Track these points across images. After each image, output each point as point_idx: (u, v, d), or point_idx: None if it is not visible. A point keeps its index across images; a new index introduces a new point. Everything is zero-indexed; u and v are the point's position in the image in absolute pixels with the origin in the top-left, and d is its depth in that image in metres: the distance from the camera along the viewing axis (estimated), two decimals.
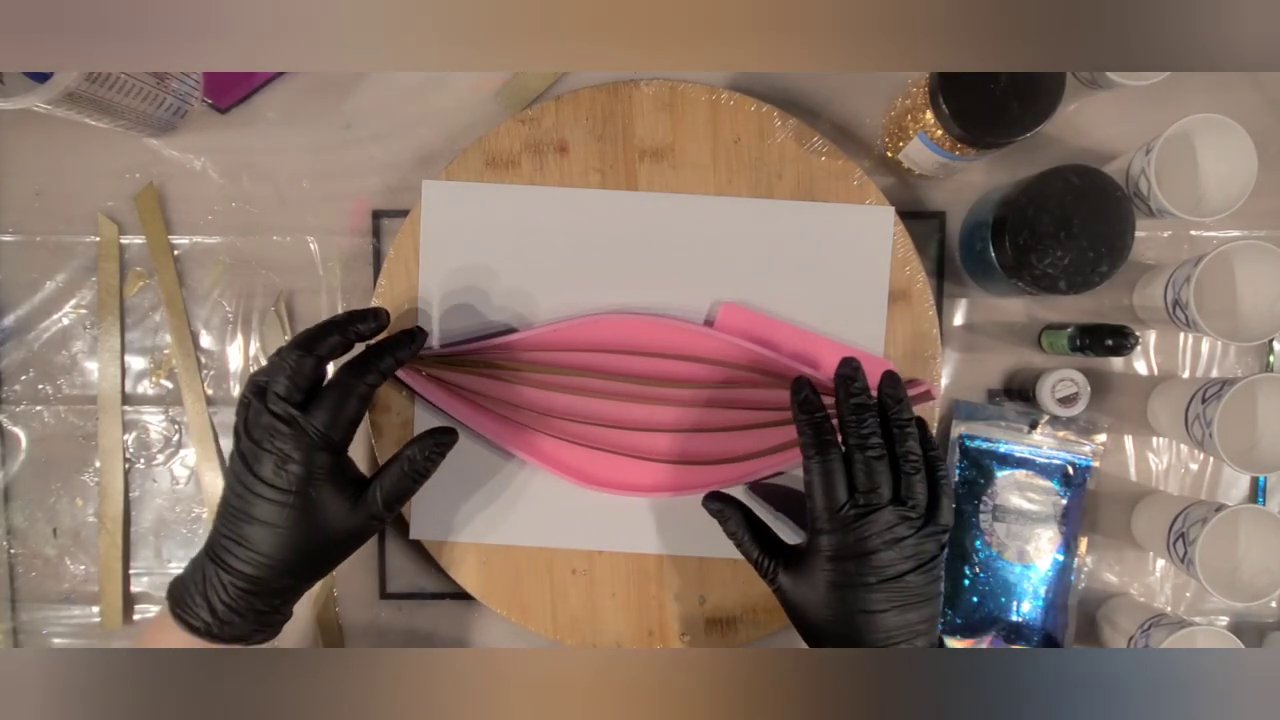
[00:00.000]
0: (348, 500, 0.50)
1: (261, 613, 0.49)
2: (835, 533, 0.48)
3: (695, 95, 0.62)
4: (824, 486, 0.49)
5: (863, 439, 0.49)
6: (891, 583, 0.47)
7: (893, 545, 0.47)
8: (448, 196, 0.62)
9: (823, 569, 0.49)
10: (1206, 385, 0.58)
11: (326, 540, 0.50)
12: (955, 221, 0.65)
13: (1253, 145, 0.56)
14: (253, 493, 0.48)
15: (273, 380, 0.49)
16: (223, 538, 0.48)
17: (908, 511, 0.48)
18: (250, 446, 0.48)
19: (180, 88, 0.62)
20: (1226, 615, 0.66)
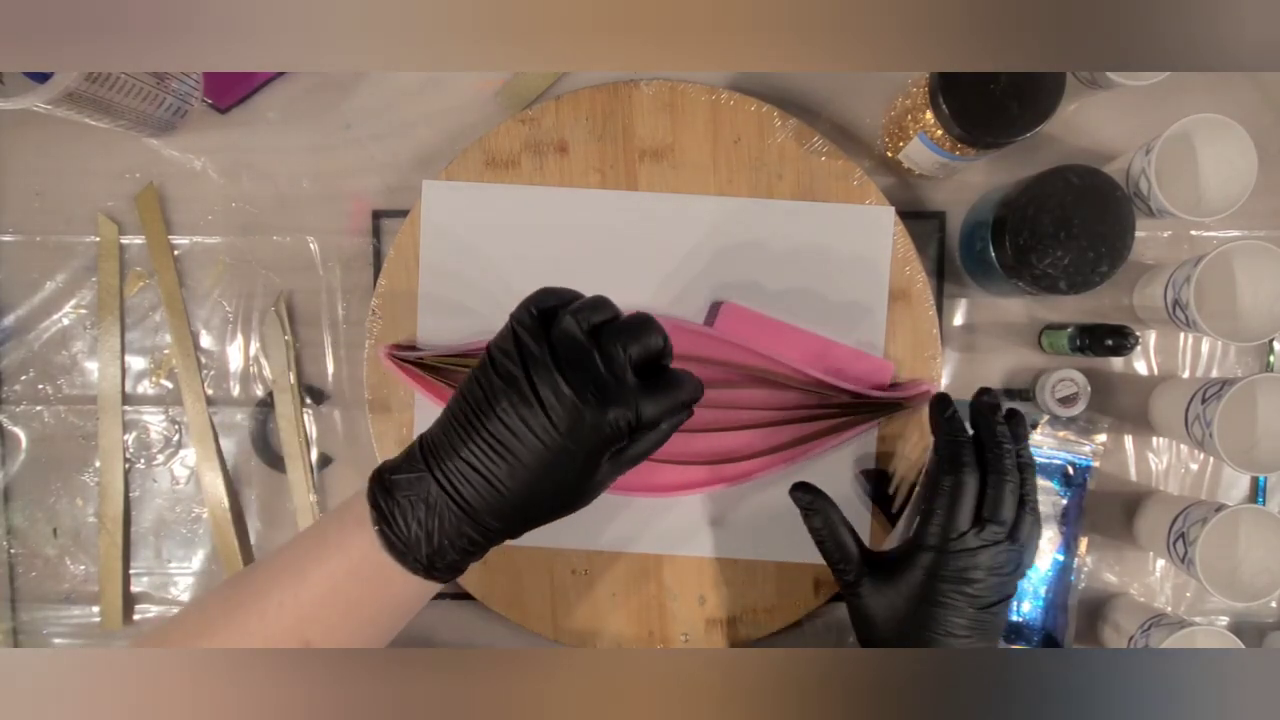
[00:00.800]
0: (605, 465, 0.44)
1: (473, 553, 0.44)
2: (946, 554, 0.48)
3: (695, 95, 0.62)
4: (950, 506, 0.49)
5: (1003, 469, 0.49)
6: (983, 612, 0.48)
7: (994, 576, 0.48)
8: (448, 196, 0.62)
9: (915, 585, 0.49)
10: (1206, 385, 0.58)
11: (574, 500, 0.45)
12: (955, 221, 0.65)
13: (1253, 145, 0.55)
14: (536, 437, 0.41)
15: (627, 337, 0.43)
16: (464, 462, 0.42)
17: (1016, 548, 0.49)
18: (553, 385, 0.41)
19: (180, 88, 0.62)
20: (1226, 615, 0.66)
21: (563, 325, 0.43)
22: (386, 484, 0.43)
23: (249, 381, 0.66)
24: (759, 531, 0.62)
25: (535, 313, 0.43)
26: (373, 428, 0.63)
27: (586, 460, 0.43)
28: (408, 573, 0.43)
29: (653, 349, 0.44)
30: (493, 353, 0.43)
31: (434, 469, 0.43)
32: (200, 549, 0.66)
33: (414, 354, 0.61)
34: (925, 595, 0.48)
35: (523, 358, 0.42)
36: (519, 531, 0.45)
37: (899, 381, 0.62)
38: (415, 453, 0.44)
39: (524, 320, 0.43)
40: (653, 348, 0.44)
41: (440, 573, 0.44)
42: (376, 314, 0.62)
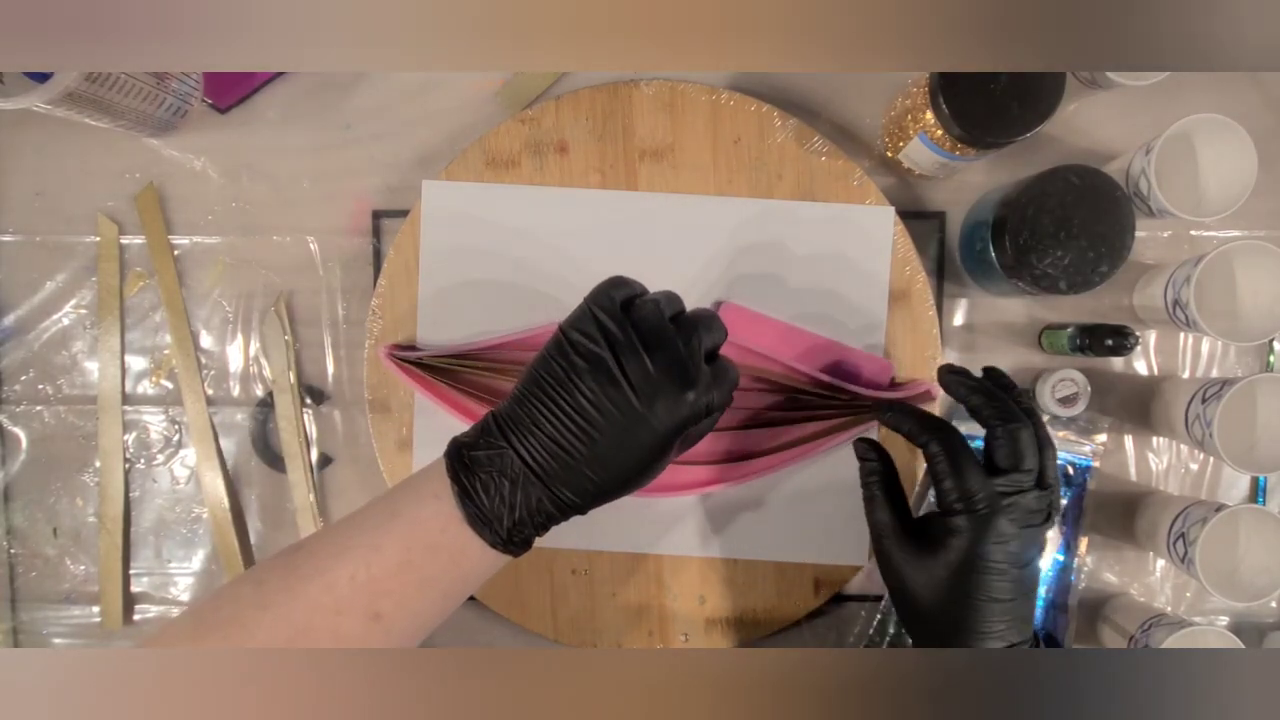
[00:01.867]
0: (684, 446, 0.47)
1: (547, 526, 0.45)
2: (975, 514, 0.47)
3: (695, 95, 0.62)
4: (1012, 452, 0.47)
5: (1010, 414, 0.48)
6: (1022, 570, 0.47)
7: (1029, 530, 0.47)
8: (448, 196, 0.62)
9: (954, 549, 0.47)
10: (1206, 385, 0.58)
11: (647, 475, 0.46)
12: (955, 221, 0.65)
13: (1253, 145, 0.55)
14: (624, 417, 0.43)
15: (702, 328, 0.46)
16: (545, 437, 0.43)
17: (1043, 496, 0.48)
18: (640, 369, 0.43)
19: (180, 88, 0.62)
20: (1226, 615, 0.66)
21: (645, 310, 0.45)
22: (466, 460, 0.44)
23: (249, 381, 0.66)
24: (759, 531, 0.62)
25: (614, 297, 0.45)
26: (373, 428, 0.63)
27: (665, 438, 0.44)
28: (485, 546, 0.44)
29: (719, 342, 0.48)
30: (570, 335, 0.44)
31: (515, 444, 0.44)
32: (200, 549, 0.66)
33: (414, 354, 0.61)
34: (963, 561, 0.47)
35: (608, 339, 0.43)
36: (591, 505, 0.46)
37: (899, 381, 0.62)
38: (491, 429, 0.45)
39: (604, 303, 0.45)
40: (719, 340, 0.47)
41: (516, 546, 0.45)
42: (376, 314, 0.62)
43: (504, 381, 0.61)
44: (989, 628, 0.47)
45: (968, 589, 0.47)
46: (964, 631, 0.47)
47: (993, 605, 0.46)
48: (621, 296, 0.45)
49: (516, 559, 0.46)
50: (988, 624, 0.46)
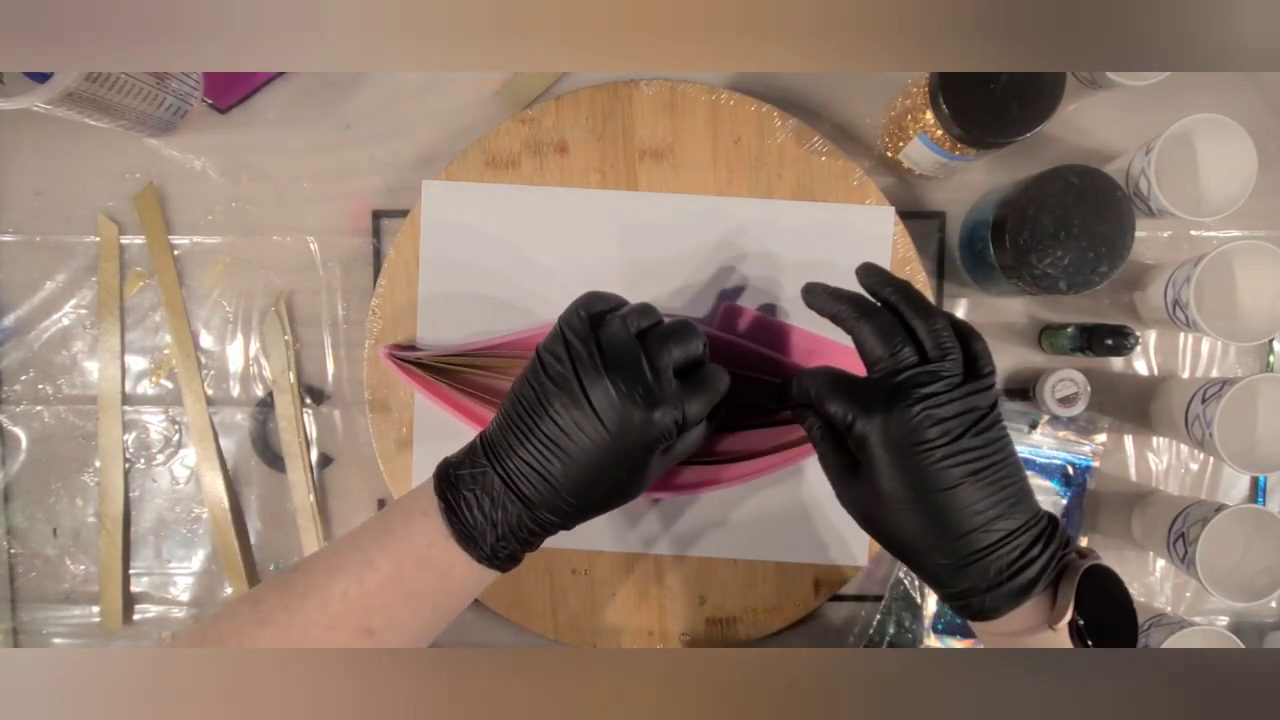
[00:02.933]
0: (655, 460, 0.46)
1: (531, 543, 0.46)
2: (871, 411, 0.43)
3: (695, 95, 0.62)
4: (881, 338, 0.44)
5: (862, 307, 0.45)
6: (952, 445, 0.42)
7: (934, 403, 0.42)
8: (448, 196, 0.62)
9: (877, 457, 0.43)
10: (1206, 385, 0.58)
11: (626, 494, 0.46)
12: (955, 221, 0.65)
13: (1253, 145, 0.55)
14: (588, 436, 0.43)
15: (672, 341, 0.45)
16: (523, 460, 0.44)
17: (940, 366, 0.43)
18: (603, 387, 0.43)
19: (180, 88, 0.62)
20: (1226, 615, 0.66)
21: (612, 329, 0.45)
22: (452, 478, 0.45)
23: (249, 381, 0.66)
24: (759, 531, 0.62)
25: (584, 316, 0.45)
26: (373, 428, 0.63)
27: (638, 458, 0.45)
28: (471, 561, 0.45)
29: (694, 353, 0.47)
30: (542, 355, 0.45)
31: (495, 465, 0.45)
32: (200, 549, 0.66)
33: (414, 354, 0.61)
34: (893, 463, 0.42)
35: (573, 361, 0.44)
36: (574, 523, 0.47)
37: None
38: (476, 450, 0.46)
39: (573, 324, 0.45)
40: (694, 351, 0.47)
41: (501, 562, 0.46)
42: (376, 314, 0.62)
43: (504, 381, 0.61)
44: (963, 523, 0.42)
45: (912, 494, 0.42)
46: (946, 538, 0.42)
47: (951, 495, 0.42)
48: (593, 313, 0.46)
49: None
50: (957, 519, 0.42)
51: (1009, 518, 0.42)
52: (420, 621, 0.46)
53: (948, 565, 0.43)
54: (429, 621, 0.46)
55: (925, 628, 0.64)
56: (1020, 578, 0.42)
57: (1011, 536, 0.42)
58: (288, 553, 0.66)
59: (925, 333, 0.44)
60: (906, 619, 0.65)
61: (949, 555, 0.43)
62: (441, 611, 0.47)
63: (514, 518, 0.45)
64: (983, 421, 0.43)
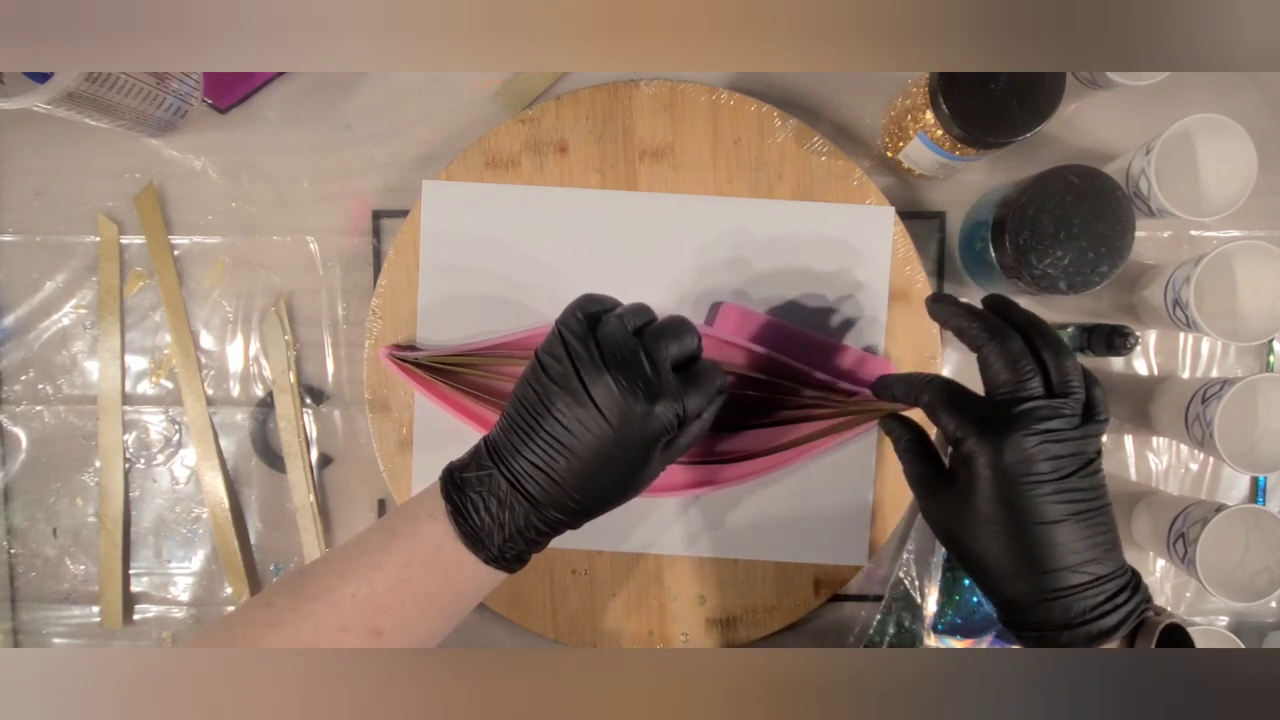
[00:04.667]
0: (658, 455, 0.47)
1: (539, 542, 0.47)
2: (988, 434, 0.42)
3: (695, 95, 0.62)
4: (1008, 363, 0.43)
5: (991, 330, 0.44)
6: (1062, 483, 0.41)
7: (1054, 438, 0.42)
8: (448, 196, 0.62)
9: (982, 479, 0.42)
10: (1206, 385, 0.58)
11: (632, 490, 0.47)
12: (955, 221, 0.65)
13: (1253, 145, 0.55)
14: (591, 432, 0.44)
15: (668, 337, 0.46)
16: (528, 461, 0.45)
17: (1065, 403, 0.42)
18: (603, 383, 0.43)
19: (180, 88, 0.62)
20: (1226, 615, 0.66)
21: (609, 328, 0.46)
22: (458, 481, 0.46)
23: (249, 381, 0.66)
24: (759, 532, 0.62)
25: (581, 317, 0.46)
26: (373, 428, 0.63)
27: (640, 454, 0.45)
28: (478, 562, 0.45)
29: (690, 348, 0.47)
30: (542, 358, 0.46)
31: (500, 467, 0.45)
32: (200, 549, 0.66)
33: (414, 354, 0.61)
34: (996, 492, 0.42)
35: (573, 360, 0.44)
36: (581, 521, 0.47)
37: None
38: (482, 453, 0.46)
39: (571, 325, 0.46)
40: (690, 347, 0.47)
41: (508, 563, 0.46)
42: (376, 314, 0.62)
43: (504, 382, 0.61)
44: (1056, 559, 0.41)
45: (1011, 521, 0.42)
46: (1034, 570, 0.42)
47: (1049, 530, 0.41)
48: (589, 314, 0.46)
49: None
50: (1051, 554, 0.41)
51: (1100, 563, 0.42)
52: (429, 622, 0.46)
53: (1028, 596, 0.43)
54: (437, 622, 0.47)
55: (925, 628, 0.64)
56: (1101, 623, 0.42)
57: (1100, 581, 0.42)
58: (288, 553, 0.66)
59: (1055, 367, 0.43)
60: (906, 619, 0.65)
61: (1033, 587, 0.42)
62: (450, 612, 0.47)
63: (521, 518, 0.45)
64: (1090, 465, 0.43)
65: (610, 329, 0.45)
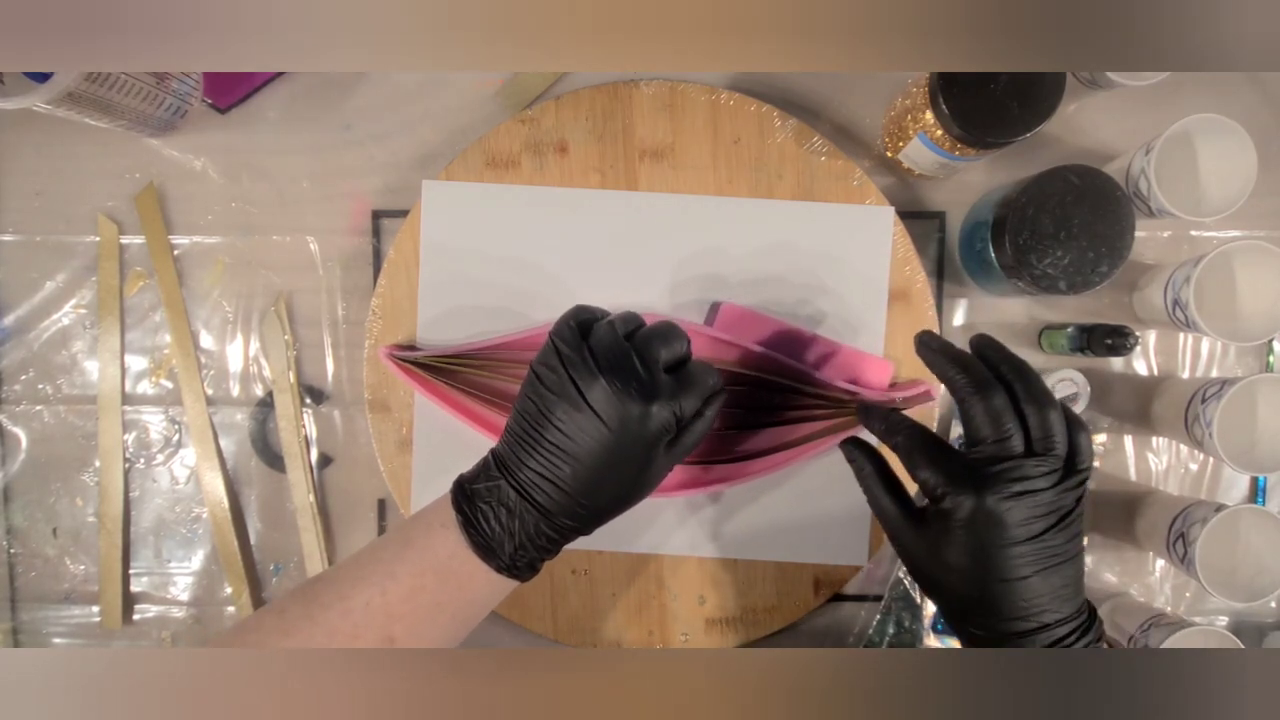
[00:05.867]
0: (662, 456, 0.47)
1: (550, 550, 0.47)
2: (963, 492, 0.43)
3: (695, 95, 0.62)
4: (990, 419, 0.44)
5: (977, 383, 0.44)
6: (1032, 542, 0.42)
7: (1029, 500, 0.42)
8: (448, 196, 0.62)
9: (955, 533, 0.43)
10: (1206, 385, 0.58)
11: (638, 492, 0.48)
12: (955, 221, 0.65)
13: (1253, 145, 0.55)
14: (590, 436, 0.44)
15: (658, 341, 0.47)
16: (533, 470, 0.45)
17: (1044, 461, 0.43)
18: (599, 387, 0.44)
19: (180, 88, 0.62)
20: (1226, 615, 0.66)
21: (600, 334, 0.46)
22: (468, 492, 0.47)
23: (249, 381, 0.66)
24: (759, 531, 0.62)
25: (573, 326, 0.47)
26: (372, 428, 0.63)
27: (642, 455, 0.46)
28: (490, 571, 0.46)
29: (680, 352, 0.48)
30: (537, 369, 0.47)
31: (508, 477, 0.46)
32: (200, 549, 0.66)
33: (414, 354, 0.61)
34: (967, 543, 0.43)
35: (567, 368, 0.45)
36: (591, 528, 0.48)
37: (899, 381, 0.62)
38: (490, 464, 0.47)
39: (564, 334, 0.47)
40: (680, 350, 0.48)
41: (520, 571, 0.47)
42: (376, 314, 0.62)
43: (503, 382, 0.61)
44: (1015, 609, 0.43)
45: (979, 574, 0.43)
46: (993, 616, 0.43)
47: (1011, 586, 0.42)
48: (581, 322, 0.47)
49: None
50: (1013, 605, 0.43)
51: (1059, 610, 0.43)
52: (440, 630, 0.47)
53: (983, 634, 0.45)
54: (448, 629, 0.47)
55: (925, 628, 0.64)
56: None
57: (1054, 626, 0.43)
58: (287, 553, 0.66)
59: (1037, 423, 0.43)
60: (906, 619, 0.65)
61: (989, 629, 0.44)
62: (461, 620, 0.48)
63: (531, 527, 0.46)
64: (1067, 518, 0.43)
65: (601, 335, 0.46)
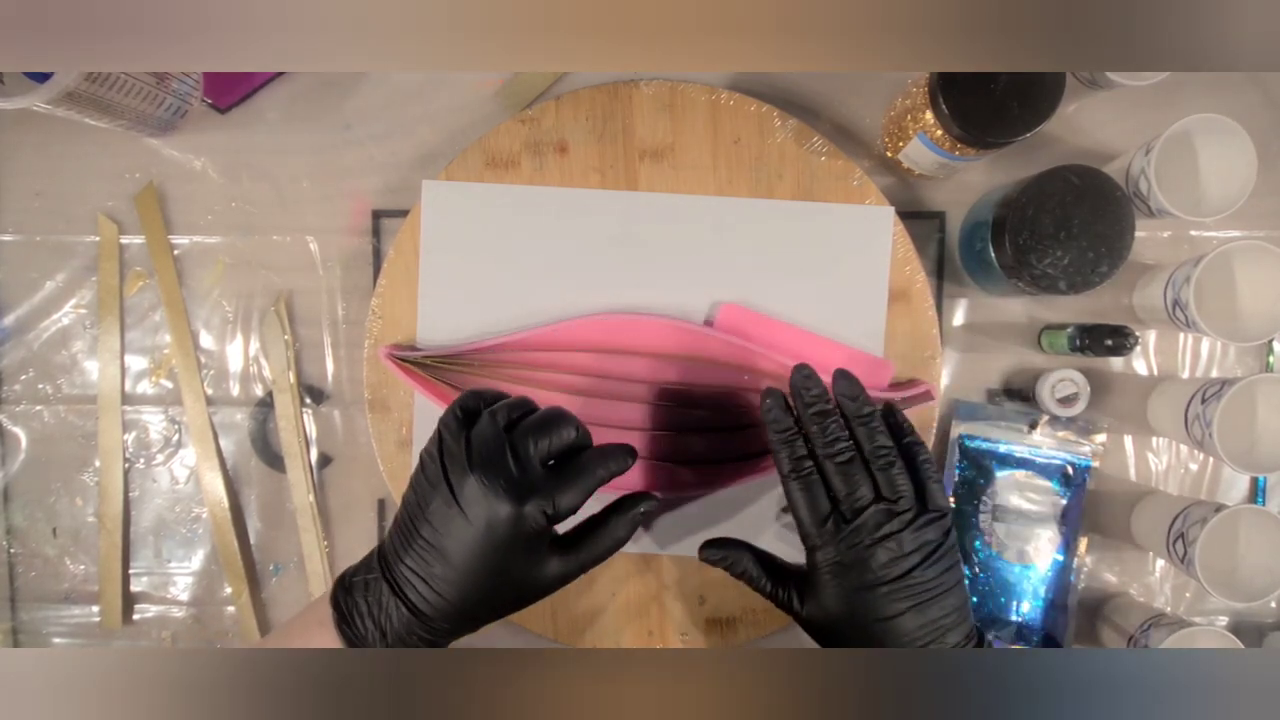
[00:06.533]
0: (544, 562, 0.46)
1: (427, 644, 0.46)
2: (827, 546, 0.46)
3: (695, 95, 0.62)
4: (806, 504, 0.47)
5: (829, 446, 0.47)
6: (897, 583, 0.45)
7: (885, 545, 0.45)
8: (448, 196, 0.62)
9: (828, 586, 0.46)
10: (1206, 385, 0.58)
11: (513, 597, 0.47)
12: (955, 221, 0.65)
13: (1253, 145, 0.55)
14: (457, 537, 0.44)
15: (538, 432, 0.45)
16: (407, 567, 0.45)
17: (894, 506, 0.46)
18: (471, 485, 0.44)
19: (180, 88, 0.62)
20: (1226, 615, 0.66)
21: (480, 425, 0.45)
22: (347, 585, 0.46)
23: (249, 381, 0.66)
24: (759, 532, 0.62)
25: (460, 414, 0.46)
26: (372, 428, 0.63)
27: (517, 555, 0.45)
28: None
29: (565, 441, 0.46)
30: (423, 456, 0.46)
31: (385, 572, 0.45)
32: (200, 549, 0.66)
33: (414, 354, 0.61)
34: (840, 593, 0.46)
35: (443, 459, 0.45)
36: (467, 630, 0.47)
37: (899, 381, 0.62)
38: (373, 557, 0.46)
39: (449, 422, 0.46)
40: (565, 440, 0.46)
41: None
42: (376, 314, 0.62)
43: (503, 383, 0.61)
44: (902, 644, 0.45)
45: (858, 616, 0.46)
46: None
47: (888, 625, 0.45)
48: (467, 410, 0.46)
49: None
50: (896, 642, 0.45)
51: (941, 642, 0.45)
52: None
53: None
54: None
55: None
56: None
57: None
58: (287, 553, 0.66)
59: (883, 478, 0.46)
60: None
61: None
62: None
63: (402, 627, 0.44)
64: (935, 554, 0.45)
65: (481, 426, 0.45)
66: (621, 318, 0.61)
